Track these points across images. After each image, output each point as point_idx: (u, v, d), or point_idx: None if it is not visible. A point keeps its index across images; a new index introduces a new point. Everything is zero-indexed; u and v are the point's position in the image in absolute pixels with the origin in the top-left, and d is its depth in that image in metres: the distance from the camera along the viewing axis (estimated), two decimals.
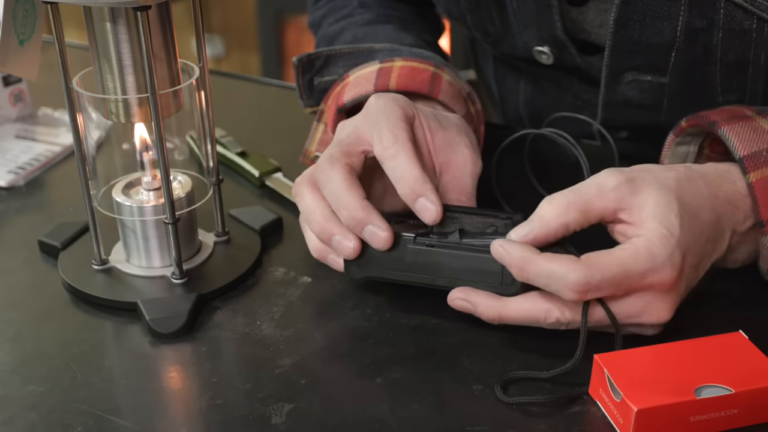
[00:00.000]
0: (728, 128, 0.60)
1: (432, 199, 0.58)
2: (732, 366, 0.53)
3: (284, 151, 0.84)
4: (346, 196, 0.58)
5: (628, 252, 0.54)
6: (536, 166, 0.77)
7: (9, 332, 0.62)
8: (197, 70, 0.63)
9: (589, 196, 0.56)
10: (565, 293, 0.53)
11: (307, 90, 0.78)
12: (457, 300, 0.58)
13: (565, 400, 0.54)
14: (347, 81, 0.72)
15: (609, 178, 0.56)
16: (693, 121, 0.64)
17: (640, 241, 0.54)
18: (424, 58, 0.72)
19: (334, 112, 0.71)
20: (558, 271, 0.53)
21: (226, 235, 0.69)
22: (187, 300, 0.62)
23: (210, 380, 0.57)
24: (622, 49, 0.71)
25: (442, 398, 0.55)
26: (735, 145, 0.59)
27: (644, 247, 0.54)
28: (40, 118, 0.92)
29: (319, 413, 0.54)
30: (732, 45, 0.68)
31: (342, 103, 0.70)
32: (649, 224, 0.54)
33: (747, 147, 0.59)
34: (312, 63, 0.77)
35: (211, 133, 0.66)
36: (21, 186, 0.81)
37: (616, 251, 0.54)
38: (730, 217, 0.58)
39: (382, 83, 0.69)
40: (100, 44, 0.58)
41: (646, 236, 0.54)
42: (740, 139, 0.59)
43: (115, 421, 0.53)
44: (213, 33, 2.72)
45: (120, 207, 0.64)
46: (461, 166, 0.65)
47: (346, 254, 0.59)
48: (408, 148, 0.60)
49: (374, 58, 0.74)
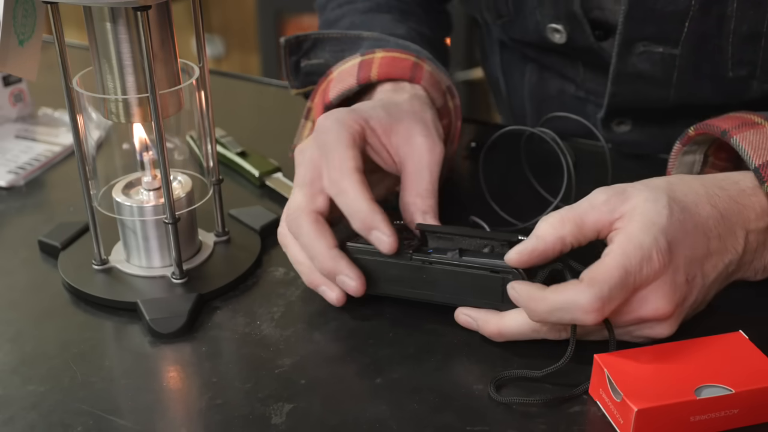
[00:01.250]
0: (740, 137, 0.59)
1: (384, 231, 0.59)
2: (732, 366, 0.53)
3: (284, 151, 0.84)
4: (314, 247, 0.60)
5: (617, 252, 0.53)
6: (535, 166, 0.77)
7: (9, 332, 0.62)
8: (197, 70, 0.63)
9: (581, 210, 0.56)
10: (584, 318, 0.52)
11: (294, 71, 0.79)
12: (462, 315, 0.59)
13: (564, 400, 0.54)
14: (331, 77, 0.73)
15: (599, 194, 0.56)
16: (701, 130, 0.63)
17: (623, 238, 0.54)
18: (408, 49, 0.73)
19: (321, 110, 0.71)
20: (567, 299, 0.53)
21: (226, 235, 0.69)
22: (187, 300, 0.62)
23: (210, 380, 0.57)
24: (636, 16, 0.72)
25: (442, 398, 0.55)
26: (750, 155, 0.58)
27: (628, 241, 0.53)
28: (40, 118, 0.92)
29: (319, 413, 0.54)
30: (746, 15, 0.68)
31: (329, 101, 0.71)
32: (634, 218, 0.54)
33: (761, 156, 0.58)
34: (300, 45, 0.78)
35: (211, 133, 0.66)
36: (21, 186, 0.81)
37: (607, 258, 0.53)
38: (737, 215, 0.57)
39: (364, 75, 0.70)
40: (100, 44, 0.58)
41: (627, 230, 0.54)
42: (754, 148, 0.58)
43: (115, 421, 0.53)
44: (213, 33, 2.72)
45: (120, 207, 0.64)
46: (418, 160, 0.64)
47: (332, 302, 0.61)
48: (354, 179, 0.60)
49: (359, 46, 0.74)
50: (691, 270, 0.55)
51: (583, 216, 0.55)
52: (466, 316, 0.59)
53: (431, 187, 0.63)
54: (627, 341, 0.56)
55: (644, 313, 0.54)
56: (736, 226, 0.57)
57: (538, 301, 0.54)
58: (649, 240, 0.53)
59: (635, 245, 0.53)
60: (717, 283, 0.57)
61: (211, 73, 0.68)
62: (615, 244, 0.54)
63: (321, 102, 0.72)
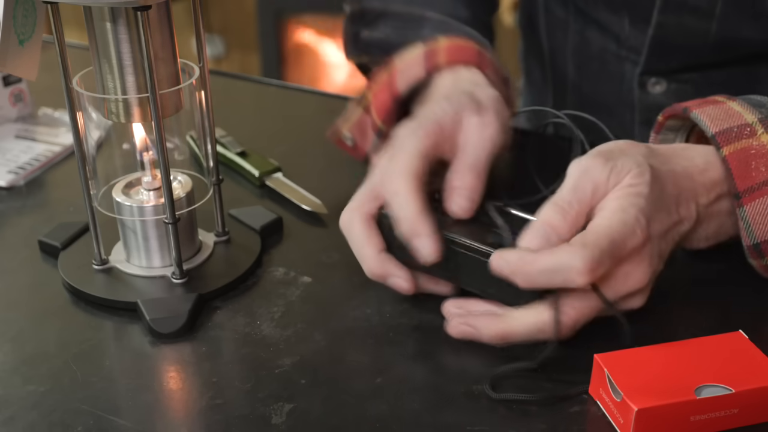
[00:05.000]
0: (699, 111, 0.62)
1: (425, 241, 0.58)
2: (732, 366, 0.53)
3: (284, 151, 0.84)
4: (363, 251, 0.61)
5: (605, 222, 0.55)
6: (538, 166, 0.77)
7: (9, 332, 0.62)
8: (197, 70, 0.63)
9: (587, 196, 0.57)
10: (577, 280, 0.53)
11: (353, 41, 0.80)
12: (459, 327, 0.58)
13: (564, 399, 0.54)
14: (395, 69, 0.72)
15: (597, 173, 0.57)
16: (668, 113, 0.65)
17: (609, 212, 0.55)
18: (470, 37, 0.74)
19: (389, 101, 0.71)
20: (562, 260, 0.53)
21: (226, 235, 0.69)
22: (187, 300, 0.62)
23: (210, 380, 0.57)
24: None
25: (442, 398, 0.55)
26: (707, 124, 0.61)
27: (614, 214, 0.55)
28: (40, 118, 0.92)
29: (319, 413, 0.54)
30: None
31: (397, 92, 0.71)
32: (617, 193, 0.56)
33: (718, 125, 0.61)
34: (363, 16, 0.79)
35: (211, 133, 0.66)
36: (21, 186, 0.81)
37: (596, 227, 0.55)
38: (690, 190, 0.60)
39: (432, 63, 0.71)
40: (100, 44, 0.58)
41: (612, 206, 0.56)
42: (711, 119, 0.61)
43: (115, 420, 0.53)
44: (213, 33, 2.72)
45: (120, 207, 0.64)
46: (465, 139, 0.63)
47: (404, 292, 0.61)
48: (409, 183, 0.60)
49: (422, 27, 0.75)
50: (661, 242, 0.58)
51: (588, 204, 0.57)
52: (463, 326, 0.58)
53: (472, 164, 0.63)
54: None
55: (628, 287, 0.56)
56: (690, 200, 0.60)
57: (530, 263, 0.54)
58: (632, 218, 0.55)
59: (620, 220, 0.55)
60: (669, 252, 0.60)
61: (211, 73, 0.68)
62: (603, 218, 0.55)
63: (386, 93, 0.72)
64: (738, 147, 0.60)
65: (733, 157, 0.60)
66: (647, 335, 0.56)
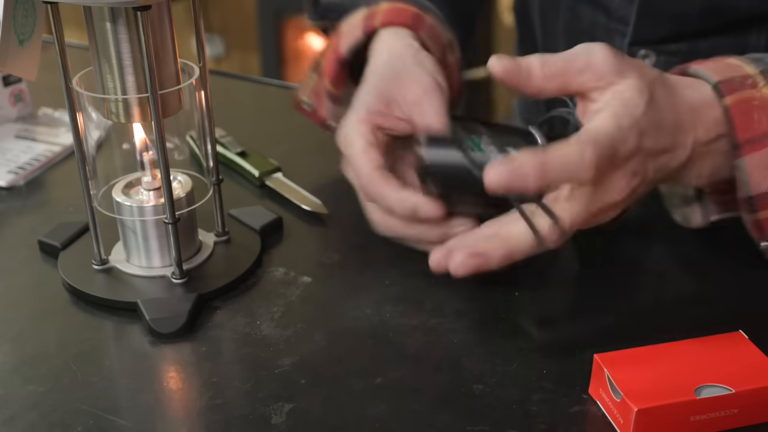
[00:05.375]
0: (699, 65, 0.62)
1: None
2: (732, 366, 0.53)
3: (284, 151, 0.84)
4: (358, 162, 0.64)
5: (601, 124, 0.55)
6: None
7: (9, 332, 0.62)
8: (197, 70, 0.63)
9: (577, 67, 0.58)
10: (585, 175, 0.54)
11: (313, 5, 0.82)
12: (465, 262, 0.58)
13: (564, 399, 0.54)
14: (341, 32, 0.75)
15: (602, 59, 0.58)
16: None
17: (606, 115, 0.56)
18: (411, 2, 0.75)
19: (334, 64, 0.73)
20: (571, 155, 0.54)
21: (226, 235, 0.69)
22: (187, 300, 0.62)
23: (210, 380, 0.57)
24: None
25: (442, 398, 0.55)
26: (708, 74, 0.61)
27: (611, 119, 0.55)
28: (40, 118, 0.92)
29: (319, 413, 0.54)
30: None
31: (341, 54, 0.73)
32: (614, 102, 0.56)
33: (720, 74, 0.60)
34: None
35: (211, 133, 0.66)
36: (21, 186, 0.81)
37: (594, 128, 0.55)
38: (690, 123, 0.59)
39: (369, 25, 0.72)
40: (100, 44, 0.58)
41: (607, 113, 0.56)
42: (712, 70, 0.61)
43: (115, 420, 0.53)
44: (213, 33, 2.72)
45: (120, 207, 0.64)
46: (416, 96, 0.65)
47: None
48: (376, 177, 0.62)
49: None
50: (649, 161, 0.57)
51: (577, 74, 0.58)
52: (471, 259, 0.57)
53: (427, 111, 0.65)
54: (627, 341, 0.56)
55: (608, 197, 0.56)
56: (689, 131, 0.59)
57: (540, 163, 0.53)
58: (627, 124, 0.55)
59: (616, 125, 0.55)
60: (657, 181, 0.60)
61: (211, 73, 0.68)
62: (600, 120, 0.56)
63: (333, 56, 0.74)
64: (741, 97, 0.59)
65: (736, 107, 0.59)
66: (647, 335, 0.57)
